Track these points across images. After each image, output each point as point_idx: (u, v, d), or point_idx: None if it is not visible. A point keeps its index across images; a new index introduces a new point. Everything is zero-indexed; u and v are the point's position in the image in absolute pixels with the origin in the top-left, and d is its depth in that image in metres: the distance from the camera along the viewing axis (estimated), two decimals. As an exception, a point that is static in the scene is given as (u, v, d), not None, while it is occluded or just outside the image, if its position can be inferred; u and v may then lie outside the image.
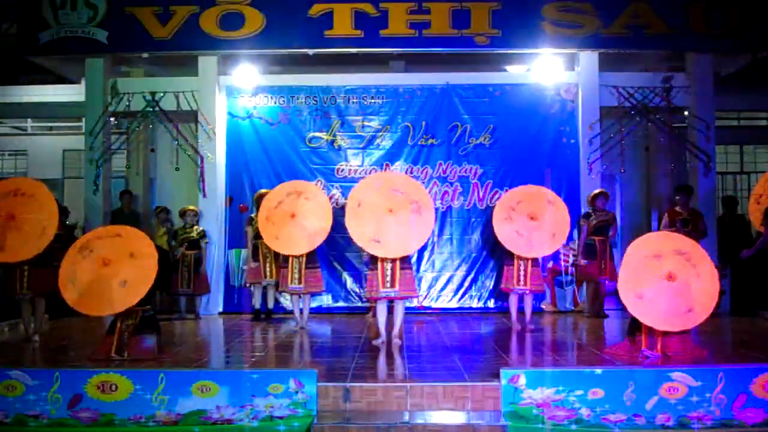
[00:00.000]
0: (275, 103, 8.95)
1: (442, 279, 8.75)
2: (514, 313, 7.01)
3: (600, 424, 4.48)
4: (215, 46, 8.60)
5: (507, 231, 6.72)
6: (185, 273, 8.17)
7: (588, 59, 8.73)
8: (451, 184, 8.79)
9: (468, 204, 8.78)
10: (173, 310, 8.45)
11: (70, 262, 5.46)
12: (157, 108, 8.77)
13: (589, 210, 8.02)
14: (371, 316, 7.78)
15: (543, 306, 8.65)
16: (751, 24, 8.45)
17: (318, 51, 8.58)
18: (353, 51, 8.58)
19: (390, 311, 6.47)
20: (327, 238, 7.10)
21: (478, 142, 8.80)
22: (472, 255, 8.74)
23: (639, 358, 5.22)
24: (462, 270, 8.73)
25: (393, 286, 6.14)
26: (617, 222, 8.24)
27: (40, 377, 4.66)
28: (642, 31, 8.44)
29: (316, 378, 4.60)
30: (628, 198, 9.72)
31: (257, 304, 8.09)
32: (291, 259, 7.07)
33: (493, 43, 8.47)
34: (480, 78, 8.97)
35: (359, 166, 8.84)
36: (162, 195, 9.87)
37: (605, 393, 4.51)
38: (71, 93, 9.92)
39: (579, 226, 7.99)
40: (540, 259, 7.08)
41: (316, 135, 8.88)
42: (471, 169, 8.78)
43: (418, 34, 8.43)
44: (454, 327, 7.49)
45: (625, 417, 4.49)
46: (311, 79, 8.97)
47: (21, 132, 11.83)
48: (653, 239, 5.49)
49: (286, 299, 8.44)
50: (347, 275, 8.72)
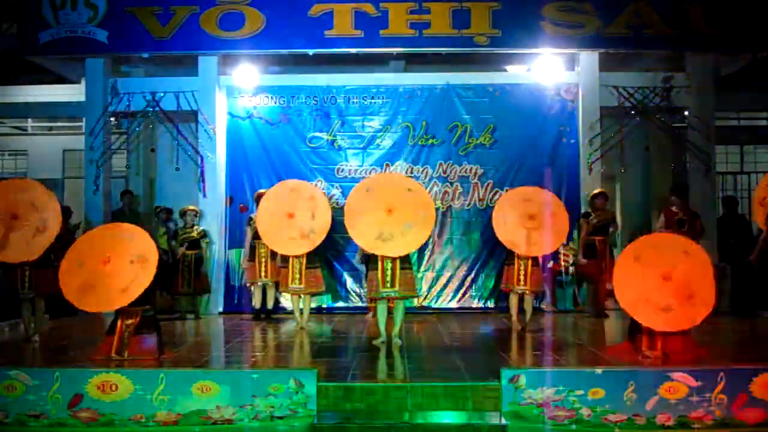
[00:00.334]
0: (275, 103, 8.95)
1: (442, 279, 8.74)
2: (514, 313, 7.00)
3: (600, 424, 4.48)
4: (215, 46, 8.59)
5: (507, 231, 6.72)
6: (186, 273, 8.16)
7: (588, 59, 8.72)
8: (452, 184, 8.79)
9: (468, 204, 8.77)
10: (173, 310, 8.45)
11: (71, 258, 5.45)
12: (157, 108, 8.77)
13: (589, 210, 8.02)
14: (371, 316, 7.78)
15: (543, 306, 8.63)
16: (751, 24, 8.44)
17: (318, 51, 8.58)
18: (353, 51, 8.58)
19: (390, 311, 6.47)
20: (327, 238, 7.09)
21: (478, 142, 8.80)
22: (472, 255, 8.74)
23: (640, 359, 5.22)
24: (462, 270, 8.73)
25: (393, 285, 6.13)
26: (617, 222, 8.24)
27: (40, 377, 4.66)
28: (642, 31, 8.44)
29: (316, 378, 4.60)
30: (628, 198, 9.71)
31: (257, 304, 8.08)
32: (291, 259, 7.06)
33: (493, 43, 8.46)
34: (480, 78, 8.97)
35: (359, 166, 8.84)
36: (162, 195, 9.88)
37: (605, 393, 4.51)
38: (71, 93, 9.92)
39: (579, 225, 7.99)
40: (540, 259, 7.08)
41: (316, 135, 8.88)
42: (471, 169, 8.78)
43: (418, 34, 8.42)
44: (454, 327, 7.48)
45: (626, 417, 4.49)
46: (311, 79, 8.97)
47: (21, 132, 11.84)
48: (641, 243, 5.43)
49: (286, 299, 8.43)
50: (347, 275, 8.73)
